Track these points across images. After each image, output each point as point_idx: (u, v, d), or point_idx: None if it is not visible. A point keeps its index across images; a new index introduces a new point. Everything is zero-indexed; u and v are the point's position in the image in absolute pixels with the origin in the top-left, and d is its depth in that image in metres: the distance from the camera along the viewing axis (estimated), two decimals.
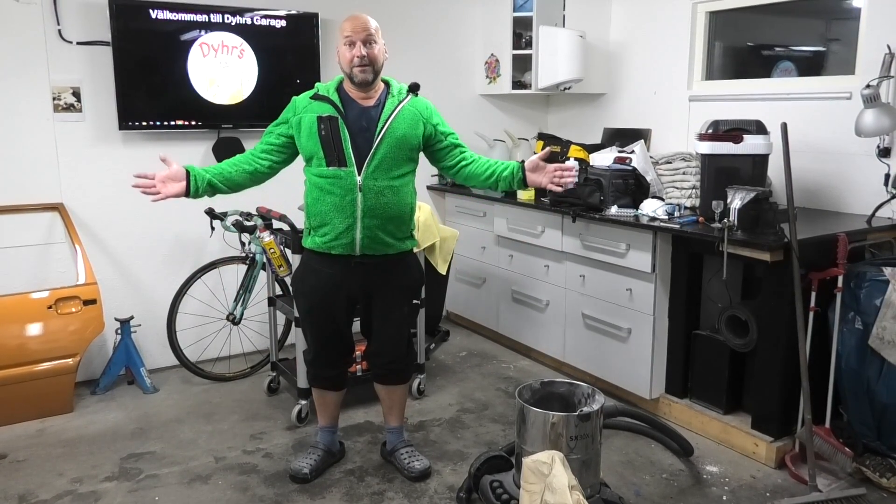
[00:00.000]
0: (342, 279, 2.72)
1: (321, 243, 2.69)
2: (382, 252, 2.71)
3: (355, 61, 2.60)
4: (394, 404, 3.03)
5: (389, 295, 2.81)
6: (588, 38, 4.46)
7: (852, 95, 3.35)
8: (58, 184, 3.75)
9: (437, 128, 2.80)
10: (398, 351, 2.91)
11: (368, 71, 2.62)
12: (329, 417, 3.03)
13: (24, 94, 3.61)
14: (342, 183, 2.61)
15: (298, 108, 2.70)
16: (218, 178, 2.68)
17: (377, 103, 2.69)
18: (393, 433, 3.06)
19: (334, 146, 2.60)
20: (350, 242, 2.65)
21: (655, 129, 4.34)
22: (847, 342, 2.88)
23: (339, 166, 2.60)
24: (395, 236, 2.72)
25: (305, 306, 2.86)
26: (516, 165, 2.80)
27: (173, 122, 3.90)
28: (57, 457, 3.13)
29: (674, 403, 3.43)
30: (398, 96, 2.71)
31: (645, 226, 3.30)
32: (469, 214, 4.60)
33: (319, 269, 2.74)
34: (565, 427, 2.42)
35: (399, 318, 2.87)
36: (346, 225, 2.63)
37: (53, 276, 3.74)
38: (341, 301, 2.78)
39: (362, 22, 2.63)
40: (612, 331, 3.59)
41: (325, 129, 2.60)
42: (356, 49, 2.60)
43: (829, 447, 2.85)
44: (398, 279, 2.81)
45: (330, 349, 2.89)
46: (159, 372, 4.04)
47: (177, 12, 3.80)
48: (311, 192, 2.69)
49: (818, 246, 2.89)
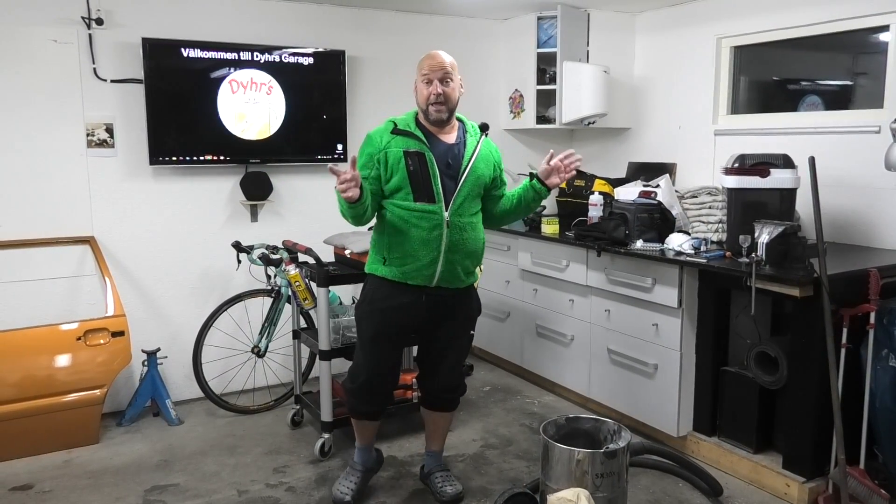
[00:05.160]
0: (413, 308, 2.75)
1: (399, 273, 2.70)
2: (455, 286, 2.78)
3: (432, 98, 2.65)
4: (439, 429, 3.09)
5: (454, 325, 2.86)
6: (612, 73, 4.49)
7: (881, 129, 3.32)
8: (89, 217, 3.83)
9: (501, 175, 2.89)
10: (455, 380, 2.96)
11: (443, 110, 2.67)
12: (368, 438, 3.06)
13: (60, 130, 3.71)
14: (430, 218, 2.64)
15: (381, 142, 2.68)
16: (367, 195, 2.60)
17: (457, 140, 2.74)
18: (432, 456, 3.13)
19: (423, 182, 2.62)
20: (431, 275, 2.70)
21: (680, 164, 4.32)
22: (881, 380, 2.81)
23: (428, 202, 2.63)
24: (467, 270, 2.80)
25: (370, 332, 2.81)
26: (527, 181, 2.84)
27: (202, 158, 3.97)
28: (82, 488, 3.14)
29: (702, 441, 3.36)
30: (475, 136, 2.78)
31: (671, 260, 3.27)
32: (493, 248, 4.60)
33: (390, 296, 2.75)
34: (591, 464, 2.39)
35: (459, 347, 2.93)
36: (431, 258, 2.67)
37: (83, 307, 3.80)
38: (405, 329, 2.83)
39: (440, 60, 2.67)
40: (638, 366, 3.54)
41: (412, 165, 2.62)
42: (433, 87, 2.64)
43: (864, 489, 2.77)
44: (463, 310, 2.88)
45: (383, 377, 2.88)
46: (184, 404, 4.06)
47: (207, 51, 3.90)
48: (394, 224, 2.69)
49: (849, 281, 2.84)
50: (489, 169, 2.78)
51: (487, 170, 2.77)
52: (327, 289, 3.33)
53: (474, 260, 2.81)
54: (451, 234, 2.67)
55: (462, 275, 2.77)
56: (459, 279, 2.77)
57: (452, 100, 2.68)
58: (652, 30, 4.56)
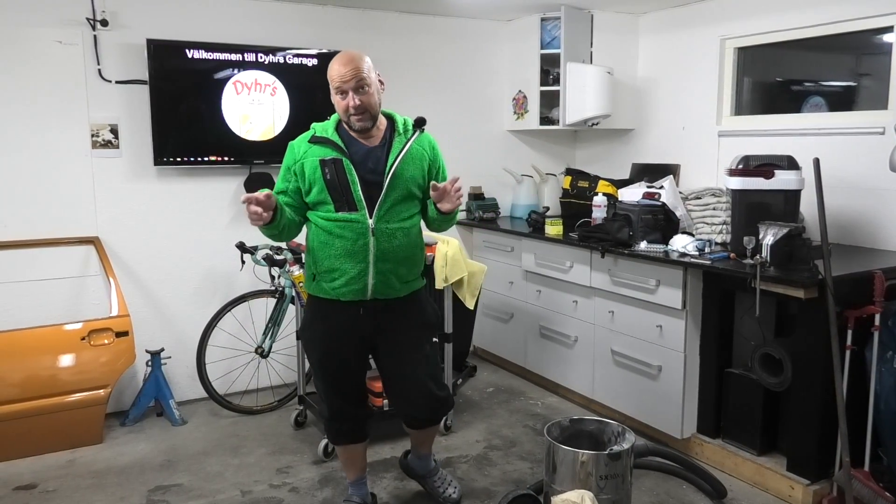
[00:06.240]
0: (353, 324, 2.58)
1: (329, 290, 2.55)
2: (395, 295, 2.60)
3: (350, 111, 2.45)
4: (423, 440, 2.97)
5: (406, 336, 2.67)
6: (616, 74, 4.48)
7: (885, 130, 3.32)
8: (94, 218, 3.84)
9: (440, 172, 2.68)
10: (433, 390, 2.73)
11: (366, 118, 2.48)
12: (358, 470, 2.87)
13: (65, 130, 3.72)
14: (353, 227, 2.48)
15: (297, 153, 2.55)
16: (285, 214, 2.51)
17: (382, 142, 2.56)
18: (422, 459, 3.02)
19: (342, 190, 2.47)
20: (362, 288, 2.52)
21: (684, 165, 4.32)
22: (886, 382, 2.80)
23: (350, 210, 2.47)
24: (404, 279, 2.61)
25: (317, 355, 2.67)
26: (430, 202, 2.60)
27: (207, 158, 3.97)
28: (86, 488, 3.15)
29: (706, 443, 3.35)
30: (405, 134, 2.58)
31: (675, 261, 3.27)
32: (497, 249, 4.60)
33: (328, 316, 2.60)
34: (595, 466, 2.39)
35: (421, 359, 2.70)
36: (359, 270, 2.50)
37: (87, 307, 3.81)
38: (353, 345, 2.63)
39: (351, 68, 2.42)
40: (642, 368, 3.54)
41: (329, 173, 2.46)
42: (349, 99, 2.43)
43: (869, 491, 2.76)
44: (412, 318, 2.68)
45: (347, 397, 2.72)
46: (188, 404, 4.06)
47: (212, 52, 3.90)
48: (318, 236, 2.55)
49: (854, 283, 2.83)
50: (420, 169, 2.58)
51: (417, 170, 2.56)
52: None
53: (410, 267, 2.62)
54: (379, 243, 2.49)
55: (397, 284, 2.58)
56: (394, 289, 2.58)
57: (373, 105, 2.47)
58: (655, 31, 4.56)
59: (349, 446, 2.81)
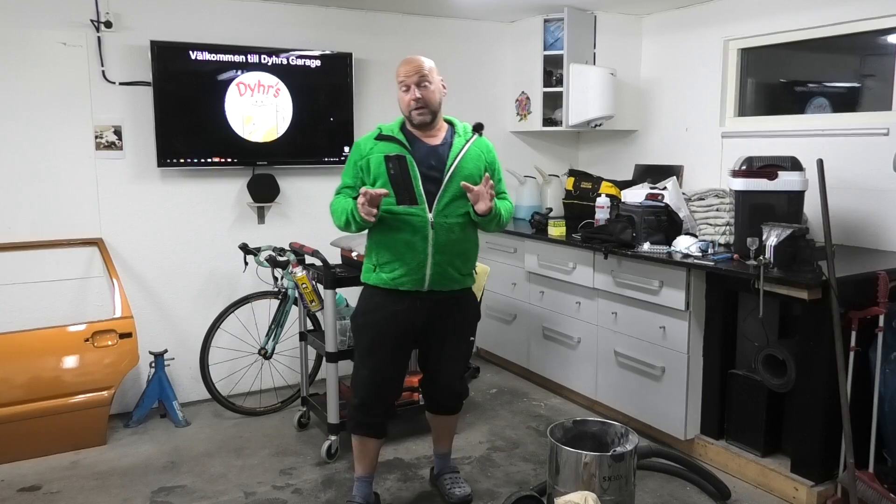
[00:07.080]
0: (408, 315, 2.71)
1: (388, 279, 2.68)
2: (449, 288, 2.74)
3: (412, 104, 2.64)
4: (445, 432, 3.09)
5: (452, 331, 2.83)
6: (619, 76, 4.48)
7: (889, 131, 3.31)
8: (97, 219, 3.85)
9: (496, 174, 2.82)
10: (456, 385, 2.95)
11: (425, 113, 2.66)
12: (368, 467, 2.91)
13: (69, 132, 3.73)
14: (414, 220, 2.62)
15: (364, 149, 2.70)
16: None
17: (443, 142, 2.72)
18: (441, 458, 3.13)
19: (404, 185, 2.57)
20: (420, 279, 2.66)
21: (687, 166, 4.32)
22: (890, 383, 2.80)
23: (411, 204, 2.59)
24: (461, 272, 2.75)
25: (366, 341, 2.78)
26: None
27: (210, 160, 3.98)
28: (90, 489, 3.15)
29: (709, 445, 3.35)
30: (465, 136, 2.75)
31: (678, 263, 3.27)
32: (499, 250, 4.60)
33: (384, 305, 2.72)
34: (598, 467, 2.38)
35: (459, 351, 2.90)
36: (418, 262, 2.64)
37: (91, 309, 3.81)
38: (404, 337, 2.77)
39: (415, 65, 2.65)
40: (645, 369, 3.53)
41: (393, 169, 2.56)
42: (411, 93, 2.64)
43: (874, 493, 2.76)
44: (461, 314, 2.85)
45: (382, 388, 2.81)
46: (191, 405, 4.07)
47: (215, 53, 3.91)
48: (379, 230, 2.69)
49: (858, 284, 2.83)
50: (479, 168, 2.72)
51: (477, 169, 2.71)
52: (334, 291, 3.34)
53: (465, 261, 2.77)
54: (437, 236, 2.63)
55: (455, 275, 2.73)
56: (454, 280, 2.73)
57: (433, 102, 2.66)
58: (659, 32, 4.55)
59: (366, 439, 2.87)
